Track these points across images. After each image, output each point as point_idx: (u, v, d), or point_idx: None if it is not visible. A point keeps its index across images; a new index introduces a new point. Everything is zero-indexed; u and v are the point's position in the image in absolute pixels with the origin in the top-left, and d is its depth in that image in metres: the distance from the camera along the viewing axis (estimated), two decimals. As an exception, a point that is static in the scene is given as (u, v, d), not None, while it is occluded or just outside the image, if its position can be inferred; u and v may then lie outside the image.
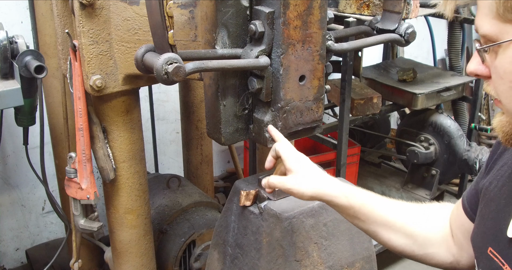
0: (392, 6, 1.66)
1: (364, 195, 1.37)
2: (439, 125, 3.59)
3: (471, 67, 1.10)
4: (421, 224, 1.37)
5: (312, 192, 1.33)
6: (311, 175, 1.36)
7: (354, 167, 3.65)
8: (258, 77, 1.47)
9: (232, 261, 1.72)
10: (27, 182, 3.25)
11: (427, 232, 1.37)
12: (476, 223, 1.24)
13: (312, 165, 1.40)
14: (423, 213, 1.41)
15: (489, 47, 1.02)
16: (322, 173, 1.38)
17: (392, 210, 1.37)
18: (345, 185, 1.37)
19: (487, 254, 1.15)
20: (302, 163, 1.38)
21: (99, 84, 1.71)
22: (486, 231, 1.18)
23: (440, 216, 1.41)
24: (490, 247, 1.15)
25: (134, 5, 1.66)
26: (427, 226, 1.38)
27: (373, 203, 1.36)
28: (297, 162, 1.37)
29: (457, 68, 3.78)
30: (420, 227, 1.37)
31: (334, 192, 1.34)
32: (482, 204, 1.23)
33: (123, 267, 2.13)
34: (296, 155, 1.40)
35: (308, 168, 1.37)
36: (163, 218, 2.56)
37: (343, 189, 1.35)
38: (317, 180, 1.35)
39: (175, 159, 3.84)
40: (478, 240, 1.22)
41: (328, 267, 1.65)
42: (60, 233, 3.46)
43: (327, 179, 1.37)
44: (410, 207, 1.40)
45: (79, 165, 1.85)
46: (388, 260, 3.76)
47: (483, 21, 1.02)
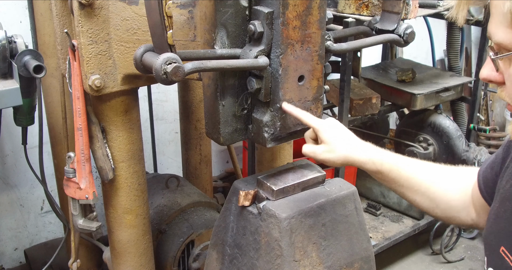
0: (391, 7, 1.67)
1: (392, 159, 1.45)
2: (438, 126, 3.59)
3: (484, 73, 1.11)
4: (445, 190, 1.45)
5: (342, 160, 1.44)
6: (341, 143, 1.43)
7: (352, 167, 3.65)
8: (257, 77, 1.47)
9: (231, 261, 1.72)
10: (26, 182, 3.24)
11: (449, 199, 1.44)
12: (491, 221, 1.25)
13: (343, 132, 1.47)
14: (449, 177, 1.47)
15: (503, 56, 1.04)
16: (352, 140, 1.46)
17: (418, 173, 1.45)
18: (374, 151, 1.45)
19: (499, 253, 1.16)
20: (333, 133, 1.45)
21: (98, 84, 1.71)
22: (500, 230, 1.19)
23: (464, 182, 1.46)
24: (502, 246, 1.15)
25: (133, 5, 1.66)
26: (450, 192, 1.45)
27: (400, 167, 1.44)
28: (327, 132, 1.44)
29: (456, 68, 3.78)
30: (444, 193, 1.44)
31: (363, 158, 1.43)
32: (498, 203, 1.24)
33: (122, 267, 2.13)
34: (325, 126, 1.46)
35: (338, 137, 1.44)
36: (162, 218, 2.56)
37: (371, 155, 1.44)
38: (347, 148, 1.43)
39: (174, 159, 3.84)
40: (491, 239, 1.22)
41: (327, 267, 1.65)
42: (58, 233, 3.46)
43: (357, 146, 1.45)
44: (436, 171, 1.48)
45: (78, 165, 1.85)
46: (387, 260, 3.77)
47: (497, 29, 1.03)
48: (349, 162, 1.44)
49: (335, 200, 1.66)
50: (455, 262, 3.82)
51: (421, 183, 1.44)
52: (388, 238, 3.49)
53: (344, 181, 1.76)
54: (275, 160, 2.16)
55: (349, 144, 1.44)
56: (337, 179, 1.77)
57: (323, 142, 1.45)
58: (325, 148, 1.44)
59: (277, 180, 1.64)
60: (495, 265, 1.19)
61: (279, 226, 1.54)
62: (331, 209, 1.65)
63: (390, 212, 3.81)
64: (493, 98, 4.97)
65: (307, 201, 1.61)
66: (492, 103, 4.97)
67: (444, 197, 1.45)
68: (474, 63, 4.83)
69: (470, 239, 4.07)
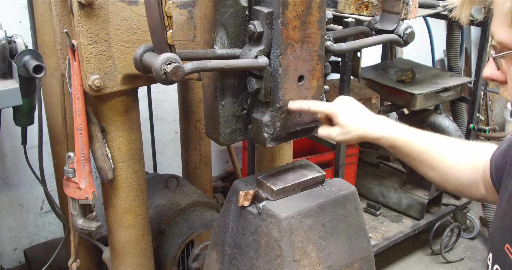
0: (391, 7, 1.67)
1: (405, 135, 1.48)
2: (437, 126, 3.59)
3: (487, 72, 1.13)
4: (456, 165, 1.47)
5: (358, 139, 1.49)
6: (355, 124, 1.48)
7: (352, 168, 3.66)
8: (256, 77, 1.47)
9: (231, 261, 1.72)
10: (26, 182, 3.24)
11: (460, 174, 1.47)
12: (498, 218, 1.25)
13: (355, 111, 1.51)
14: (461, 153, 1.49)
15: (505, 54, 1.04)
16: (365, 118, 1.50)
17: (431, 148, 1.48)
18: (387, 127, 1.48)
19: (503, 251, 1.17)
20: (345, 115, 1.48)
21: (98, 84, 1.71)
22: (506, 228, 1.20)
23: (475, 158, 1.47)
24: (507, 243, 1.16)
25: (133, 5, 1.66)
26: (461, 167, 1.47)
27: (413, 142, 1.47)
28: (340, 116, 1.48)
29: (456, 68, 3.78)
30: (455, 168, 1.47)
31: (376, 135, 1.48)
32: (505, 200, 1.24)
33: (121, 267, 2.13)
34: (337, 109, 1.50)
35: (351, 118, 1.48)
36: (162, 218, 2.56)
37: (384, 131, 1.47)
38: (360, 128, 1.48)
39: (173, 159, 3.84)
40: (497, 236, 1.23)
41: (327, 267, 1.65)
42: (58, 233, 3.46)
43: (370, 124, 1.48)
44: (449, 145, 1.50)
45: (77, 165, 1.85)
46: (386, 260, 3.77)
47: (498, 29, 1.04)
48: (364, 139, 1.50)
49: (334, 200, 1.66)
50: (454, 262, 3.82)
51: (433, 158, 1.47)
52: (388, 238, 3.50)
53: (343, 181, 1.76)
54: (274, 160, 2.16)
55: (363, 124, 1.48)
56: (336, 179, 1.77)
57: (337, 125, 1.49)
58: (340, 130, 1.49)
59: (276, 180, 1.64)
60: (500, 262, 1.19)
61: (279, 226, 1.54)
62: (331, 209, 1.65)
63: (389, 212, 3.81)
64: (493, 98, 4.98)
65: (306, 201, 1.61)
66: (491, 103, 4.97)
67: (455, 172, 1.47)
68: (473, 63, 4.83)
69: (470, 239, 4.07)
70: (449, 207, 3.83)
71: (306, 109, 1.51)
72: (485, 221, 3.99)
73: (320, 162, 3.39)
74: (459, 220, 3.98)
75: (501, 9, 1.02)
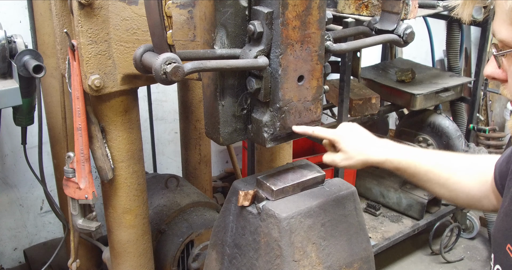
0: (391, 7, 1.67)
1: (409, 156, 1.49)
2: (437, 126, 3.59)
3: (488, 70, 1.13)
4: (464, 181, 1.47)
5: (362, 164, 1.52)
6: (357, 150, 1.51)
7: (352, 168, 3.65)
8: (256, 77, 1.47)
9: (230, 261, 1.72)
10: (25, 182, 3.24)
11: (469, 189, 1.47)
12: (500, 218, 1.26)
13: (357, 137, 1.53)
14: (467, 168, 1.49)
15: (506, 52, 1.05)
16: (368, 143, 1.52)
17: (436, 167, 1.48)
18: (390, 150, 1.50)
19: (505, 251, 1.17)
20: (348, 141, 1.52)
21: (98, 83, 1.71)
22: (508, 228, 1.20)
23: (483, 171, 1.47)
24: (509, 244, 1.16)
25: (133, 5, 1.66)
26: (469, 182, 1.47)
27: (417, 163, 1.48)
28: (342, 142, 1.52)
29: (456, 68, 3.78)
30: (463, 184, 1.47)
31: (380, 159, 1.49)
32: (507, 201, 1.24)
33: (121, 267, 2.13)
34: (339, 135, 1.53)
35: (353, 144, 1.51)
36: (161, 218, 2.56)
37: (387, 155, 1.49)
38: (363, 153, 1.50)
39: (173, 159, 3.84)
40: (499, 236, 1.23)
41: (326, 267, 1.65)
42: (58, 233, 3.46)
43: (373, 149, 1.50)
44: (454, 162, 1.51)
45: (77, 165, 1.85)
46: (386, 260, 3.77)
47: (500, 27, 1.05)
48: (368, 164, 1.51)
49: (334, 200, 1.66)
50: (454, 262, 3.82)
51: (439, 176, 1.48)
52: (388, 238, 3.49)
53: (343, 181, 1.76)
54: (274, 160, 2.16)
55: (365, 149, 1.51)
56: (336, 179, 1.77)
57: (340, 151, 1.53)
58: (344, 156, 1.52)
59: (276, 180, 1.64)
60: (501, 262, 1.20)
61: (279, 226, 1.54)
62: (331, 209, 1.65)
63: (389, 212, 3.81)
64: (493, 98, 4.98)
65: (306, 201, 1.61)
66: (491, 103, 4.97)
67: (463, 188, 1.47)
68: (473, 63, 4.83)
69: (470, 239, 4.07)
70: (449, 207, 3.83)
71: (310, 134, 1.55)
72: (485, 221, 3.99)
73: (320, 162, 3.37)
74: (459, 220, 3.98)
75: (503, 7, 1.03)
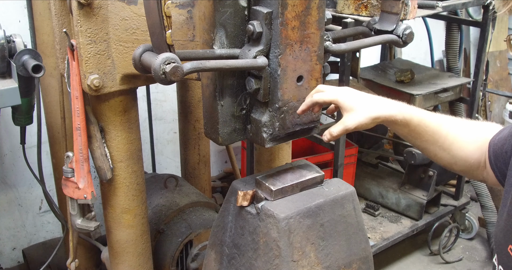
0: (390, 7, 1.67)
1: (420, 113, 1.45)
2: (436, 126, 3.59)
3: None
4: (466, 148, 1.46)
5: (372, 120, 1.41)
6: (366, 104, 1.42)
7: (351, 168, 3.66)
8: (256, 77, 1.47)
9: (229, 261, 1.72)
10: (24, 182, 3.24)
11: (468, 156, 1.46)
12: (502, 219, 1.26)
13: (361, 95, 1.45)
14: (470, 133, 1.48)
15: None
16: (375, 98, 1.45)
17: (444, 128, 1.46)
18: (401, 104, 1.45)
19: (506, 251, 1.17)
20: (352, 98, 1.43)
21: (97, 83, 1.71)
22: (510, 229, 1.20)
23: (483, 139, 1.46)
24: (510, 244, 1.16)
25: (132, 5, 1.66)
26: (470, 149, 1.46)
27: (428, 121, 1.44)
28: (347, 100, 1.42)
29: (455, 69, 3.78)
30: (465, 150, 1.46)
31: (392, 111, 1.42)
32: (509, 200, 1.24)
33: (120, 267, 2.13)
34: (341, 95, 1.44)
35: (359, 100, 1.42)
36: (160, 218, 2.56)
37: (400, 108, 1.43)
38: (373, 107, 1.41)
39: (172, 159, 3.84)
40: (501, 237, 1.23)
41: (325, 267, 1.65)
42: (57, 233, 3.46)
43: (382, 103, 1.44)
44: (459, 125, 1.48)
45: (76, 164, 1.85)
46: (385, 260, 3.77)
47: None
48: (380, 118, 1.41)
49: (333, 200, 1.66)
50: (453, 262, 3.83)
51: (445, 138, 1.45)
52: (387, 238, 3.50)
53: (342, 182, 1.76)
54: (273, 160, 2.16)
55: (373, 103, 1.43)
56: (335, 180, 1.77)
57: (346, 110, 1.42)
58: (351, 115, 1.41)
59: (275, 180, 1.64)
60: (504, 263, 1.20)
61: (278, 226, 1.54)
62: (330, 209, 1.65)
63: (388, 212, 3.81)
64: (492, 99, 4.98)
65: (305, 202, 1.61)
66: (490, 104, 4.98)
67: (464, 154, 1.46)
68: (472, 64, 4.83)
69: (468, 240, 4.07)
70: (448, 207, 3.83)
71: (312, 104, 1.47)
72: (483, 222, 3.99)
73: (319, 163, 3.39)
74: (458, 220, 3.98)
75: None
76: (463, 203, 3.89)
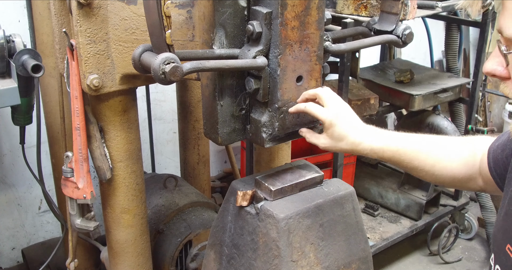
0: (390, 7, 1.67)
1: (393, 144, 1.46)
2: (436, 126, 3.59)
3: (488, 67, 1.11)
4: (450, 166, 1.46)
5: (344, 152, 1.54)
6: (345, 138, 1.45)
7: (351, 168, 3.66)
8: (255, 77, 1.47)
9: (229, 261, 1.72)
10: (24, 181, 3.24)
11: (455, 173, 1.46)
12: (500, 219, 1.26)
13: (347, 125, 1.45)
14: (452, 152, 1.48)
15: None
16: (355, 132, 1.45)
17: (422, 153, 1.46)
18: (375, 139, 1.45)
19: (505, 251, 1.17)
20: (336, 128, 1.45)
21: (96, 83, 1.71)
22: (508, 229, 1.20)
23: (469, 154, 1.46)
24: (508, 244, 1.16)
25: (132, 5, 1.66)
26: (455, 167, 1.46)
27: (402, 151, 1.45)
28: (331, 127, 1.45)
29: (454, 69, 3.78)
30: (449, 169, 1.46)
31: (364, 150, 1.45)
32: (507, 200, 1.24)
33: (119, 266, 2.13)
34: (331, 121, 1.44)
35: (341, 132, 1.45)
36: (160, 218, 2.56)
37: (372, 144, 1.44)
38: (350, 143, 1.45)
39: (172, 159, 3.84)
40: (499, 237, 1.23)
41: (325, 267, 1.65)
42: (56, 233, 3.46)
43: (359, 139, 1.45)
44: (439, 146, 1.49)
45: (75, 164, 1.85)
46: (384, 261, 3.77)
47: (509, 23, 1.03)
48: (352, 153, 1.52)
49: (333, 200, 1.66)
50: (452, 263, 3.83)
51: (425, 163, 1.46)
52: (386, 238, 3.50)
53: (342, 182, 1.76)
54: (273, 161, 2.16)
55: (351, 138, 1.45)
56: (335, 180, 1.77)
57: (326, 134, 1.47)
58: (329, 141, 1.47)
59: (275, 181, 1.64)
60: (501, 263, 1.20)
61: (277, 226, 1.54)
62: (329, 209, 1.65)
63: (388, 212, 3.81)
64: (491, 99, 4.99)
65: (305, 202, 1.61)
66: (490, 104, 4.98)
67: (449, 173, 1.46)
68: (472, 64, 4.83)
69: (468, 240, 4.08)
70: (447, 208, 3.83)
71: (303, 109, 1.49)
72: (483, 222, 4.00)
73: (319, 163, 3.39)
74: (457, 221, 3.98)
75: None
76: (463, 203, 3.89)
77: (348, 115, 1.47)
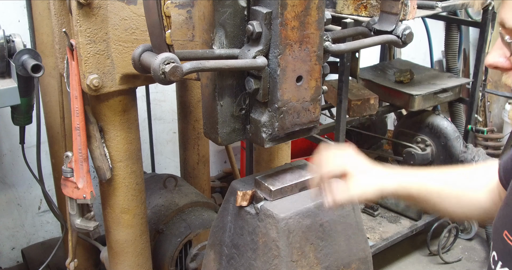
0: (390, 7, 1.67)
1: (418, 179, 1.43)
2: (435, 127, 3.59)
3: (490, 59, 1.11)
4: (476, 196, 1.42)
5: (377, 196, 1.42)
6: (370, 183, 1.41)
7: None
8: (255, 77, 1.47)
9: (228, 261, 1.72)
10: (24, 181, 3.24)
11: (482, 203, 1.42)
12: (501, 208, 1.26)
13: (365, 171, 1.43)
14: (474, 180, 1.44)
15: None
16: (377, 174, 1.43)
17: (446, 186, 1.43)
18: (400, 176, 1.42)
19: (502, 237, 1.17)
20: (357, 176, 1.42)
21: (96, 83, 1.71)
22: (506, 216, 1.20)
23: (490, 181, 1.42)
24: (506, 230, 1.16)
25: (132, 5, 1.66)
26: (481, 196, 1.42)
27: (429, 185, 1.42)
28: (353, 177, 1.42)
29: (454, 69, 3.78)
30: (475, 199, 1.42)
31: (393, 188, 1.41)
32: (508, 191, 1.24)
33: (119, 266, 2.13)
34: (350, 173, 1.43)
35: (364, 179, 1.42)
36: (160, 218, 2.56)
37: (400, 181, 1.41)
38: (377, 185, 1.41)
39: (171, 159, 3.84)
40: (499, 224, 1.23)
41: (324, 267, 1.65)
42: (56, 233, 3.46)
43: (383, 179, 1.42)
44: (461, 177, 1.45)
45: (75, 164, 1.85)
46: (384, 261, 3.77)
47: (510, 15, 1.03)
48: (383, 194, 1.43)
49: (332, 200, 1.65)
50: (452, 263, 3.82)
51: (451, 195, 1.43)
52: (386, 238, 3.50)
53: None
54: (273, 161, 2.16)
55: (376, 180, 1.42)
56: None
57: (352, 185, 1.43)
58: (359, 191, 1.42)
59: (275, 181, 1.64)
60: (498, 249, 1.21)
61: (277, 226, 1.54)
62: (329, 209, 1.65)
63: (387, 213, 3.81)
64: (491, 99, 4.98)
65: (304, 202, 1.61)
66: (489, 104, 4.98)
67: (477, 203, 1.43)
68: (472, 64, 4.83)
69: (468, 240, 4.07)
70: (447, 208, 3.83)
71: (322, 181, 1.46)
72: (482, 222, 3.99)
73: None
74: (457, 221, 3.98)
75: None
76: (462, 204, 3.88)
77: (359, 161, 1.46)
